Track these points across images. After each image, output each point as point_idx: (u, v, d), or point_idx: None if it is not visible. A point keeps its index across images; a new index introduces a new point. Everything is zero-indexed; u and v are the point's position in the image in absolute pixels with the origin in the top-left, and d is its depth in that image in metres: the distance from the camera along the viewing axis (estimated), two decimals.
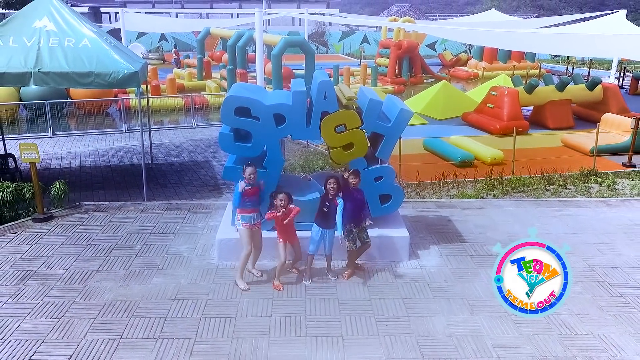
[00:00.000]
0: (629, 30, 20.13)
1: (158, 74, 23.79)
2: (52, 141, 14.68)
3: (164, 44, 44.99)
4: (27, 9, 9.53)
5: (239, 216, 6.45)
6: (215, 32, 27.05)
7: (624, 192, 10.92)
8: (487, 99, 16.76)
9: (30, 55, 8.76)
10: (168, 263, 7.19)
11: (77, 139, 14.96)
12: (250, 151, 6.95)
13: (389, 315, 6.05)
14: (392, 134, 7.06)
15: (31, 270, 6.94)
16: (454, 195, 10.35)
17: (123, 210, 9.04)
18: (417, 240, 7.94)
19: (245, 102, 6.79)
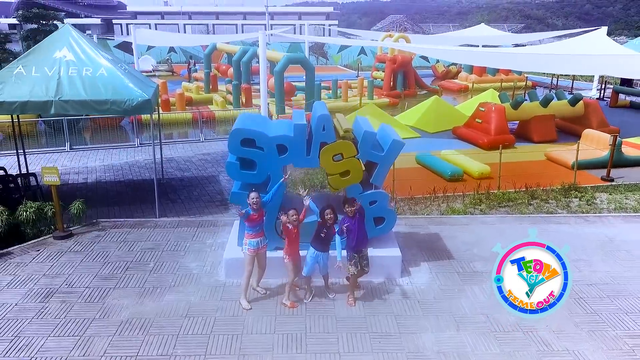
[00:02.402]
0: (610, 47, 20.28)
1: (168, 88, 23.98)
2: (69, 155, 14.88)
3: (172, 56, 45.14)
4: (48, 40, 9.74)
5: (247, 241, 6.65)
6: (222, 48, 27.24)
7: (602, 206, 11.12)
8: (476, 114, 16.96)
9: (51, 84, 8.96)
10: (179, 280, 7.40)
11: (92, 153, 15.16)
12: (255, 178, 7.16)
13: (382, 332, 6.25)
14: (385, 162, 7.27)
15: (54, 288, 7.15)
16: (443, 211, 10.54)
17: (137, 227, 9.25)
18: (409, 257, 8.14)
19: (250, 134, 7.00)
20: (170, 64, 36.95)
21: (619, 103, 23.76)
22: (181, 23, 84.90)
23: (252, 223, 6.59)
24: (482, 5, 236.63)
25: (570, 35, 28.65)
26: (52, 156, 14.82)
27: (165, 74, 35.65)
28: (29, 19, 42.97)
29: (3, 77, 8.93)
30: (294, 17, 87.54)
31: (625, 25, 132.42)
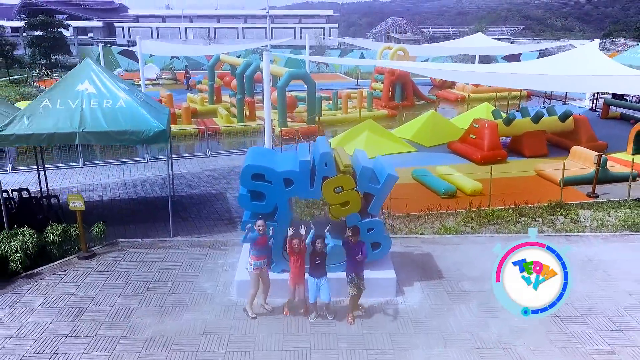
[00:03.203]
0: (601, 62, 21.02)
1: (173, 99, 24.79)
2: (83, 171, 15.67)
3: (175, 62, 45.82)
4: (71, 74, 10.51)
5: (251, 261, 7.50)
6: (225, 59, 28.01)
7: (585, 224, 11.91)
8: (470, 130, 17.74)
9: (75, 116, 9.74)
10: (195, 300, 8.19)
11: (104, 169, 15.94)
12: (264, 208, 7.95)
13: (377, 349, 7.04)
14: (381, 194, 8.06)
15: (83, 307, 7.94)
16: (437, 230, 11.33)
17: (154, 247, 10.04)
18: (403, 276, 8.92)
19: (260, 169, 7.79)
20: (174, 71, 37.67)
21: (610, 115, 24.53)
22: (182, 26, 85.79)
23: (257, 246, 7.44)
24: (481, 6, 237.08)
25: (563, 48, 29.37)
26: (67, 172, 15.60)
27: (169, 81, 36.41)
28: (34, 26, 43.91)
29: (31, 110, 9.71)
30: (294, 20, 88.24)
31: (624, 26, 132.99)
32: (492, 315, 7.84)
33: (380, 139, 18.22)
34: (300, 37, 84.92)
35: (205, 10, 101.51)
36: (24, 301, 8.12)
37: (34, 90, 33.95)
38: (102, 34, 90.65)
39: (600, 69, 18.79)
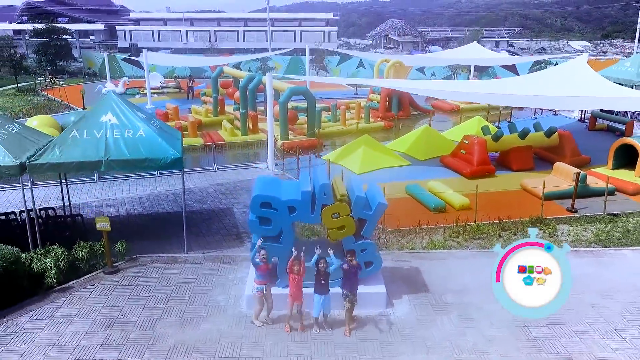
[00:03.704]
0: (588, 77, 22.14)
1: (179, 112, 25.97)
2: (98, 186, 16.83)
3: (178, 70, 46.86)
4: (97, 107, 11.69)
5: (255, 285, 8.71)
6: (228, 72, 29.17)
7: (562, 238, 13.09)
8: (461, 145, 18.93)
9: (100, 145, 10.91)
10: (210, 312, 9.38)
11: (118, 184, 17.09)
12: (270, 232, 9.15)
13: (369, 356, 8.23)
14: (373, 219, 9.25)
15: (113, 318, 9.13)
16: (425, 245, 12.51)
17: (170, 262, 11.23)
18: (393, 289, 10.09)
19: (267, 198, 8.99)
20: (177, 80, 38.80)
21: (597, 126, 25.70)
22: (183, 29, 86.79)
23: (259, 271, 8.64)
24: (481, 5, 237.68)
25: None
26: (83, 187, 16.74)
27: (173, 90, 37.55)
28: (40, 33, 45.06)
29: (61, 141, 10.89)
30: (294, 23, 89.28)
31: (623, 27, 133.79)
32: (470, 326, 9.03)
33: (376, 153, 19.39)
34: (300, 40, 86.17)
35: (206, 13, 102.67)
36: (60, 313, 9.30)
37: (42, 99, 35.10)
38: (103, 37, 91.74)
39: (587, 86, 19.96)
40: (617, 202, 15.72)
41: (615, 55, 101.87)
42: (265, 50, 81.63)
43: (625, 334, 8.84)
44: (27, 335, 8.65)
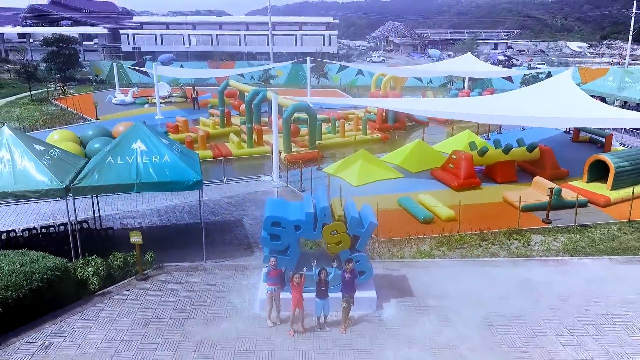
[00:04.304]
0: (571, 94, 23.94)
1: (189, 125, 27.82)
2: (120, 199, 18.67)
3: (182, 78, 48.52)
4: (127, 134, 13.53)
5: (266, 287, 10.55)
6: (234, 85, 31.01)
7: (534, 248, 14.93)
8: (449, 160, 20.78)
9: (132, 170, 12.77)
10: (229, 313, 11.23)
11: (138, 195, 18.91)
12: (280, 247, 11.01)
13: (361, 349, 10.08)
14: (365, 236, 11.11)
15: (148, 319, 10.99)
16: (413, 254, 14.36)
17: (192, 270, 13.09)
18: (383, 294, 11.93)
19: (277, 219, 10.85)
20: (184, 90, 40.60)
21: (580, 138, 27.55)
22: (186, 33, 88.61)
23: (270, 277, 10.47)
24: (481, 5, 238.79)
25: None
26: (106, 199, 18.57)
27: (180, 99, 39.36)
28: (50, 43, 46.90)
29: (98, 166, 12.74)
30: (294, 27, 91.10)
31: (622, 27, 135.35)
32: (446, 325, 10.88)
33: (372, 166, 21.26)
34: (301, 44, 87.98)
35: (207, 17, 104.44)
36: (104, 314, 11.17)
37: (56, 109, 36.94)
38: (106, 40, 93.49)
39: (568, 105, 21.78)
40: (588, 214, 17.60)
41: (612, 57, 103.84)
42: (266, 53, 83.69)
43: (574, 332, 10.70)
44: (79, 332, 10.51)
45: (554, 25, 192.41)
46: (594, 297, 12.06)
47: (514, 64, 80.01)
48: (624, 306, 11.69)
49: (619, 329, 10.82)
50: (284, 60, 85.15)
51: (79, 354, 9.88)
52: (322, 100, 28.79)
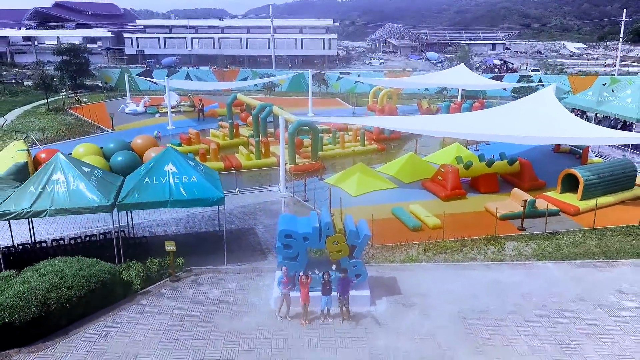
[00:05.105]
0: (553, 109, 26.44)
1: (200, 137, 30.37)
2: None
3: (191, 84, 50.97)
4: (160, 158, 16.04)
5: (280, 290, 13.09)
6: (242, 99, 33.55)
7: (507, 253, 17.47)
8: (438, 173, 23.33)
9: (166, 189, 15.30)
10: (249, 308, 13.78)
11: None
12: (291, 254, 13.57)
13: (357, 337, 12.63)
14: (361, 245, 13.69)
15: (184, 313, 13.54)
16: (403, 259, 16.90)
17: (216, 273, 15.64)
18: (376, 293, 14.46)
19: (289, 232, 13.42)
20: (192, 99, 43.06)
21: (561, 149, 30.04)
22: (188, 37, 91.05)
23: (283, 283, 13.00)
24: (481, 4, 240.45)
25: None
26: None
27: (189, 109, 41.85)
28: (61, 52, 49.38)
29: (138, 186, 15.27)
30: (295, 30, 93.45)
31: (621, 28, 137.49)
32: (426, 319, 13.44)
33: (368, 178, 23.80)
34: (301, 47, 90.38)
35: (210, 20, 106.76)
36: (147, 310, 13.72)
37: (72, 118, 39.41)
38: (110, 44, 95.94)
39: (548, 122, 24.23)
40: (559, 222, 20.15)
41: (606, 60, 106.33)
42: (267, 56, 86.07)
43: (530, 324, 13.26)
44: (129, 324, 13.07)
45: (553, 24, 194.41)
46: (551, 296, 14.61)
47: (509, 67, 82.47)
48: (575, 303, 14.25)
49: (568, 322, 13.38)
50: (285, 63, 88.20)
51: (132, 340, 12.44)
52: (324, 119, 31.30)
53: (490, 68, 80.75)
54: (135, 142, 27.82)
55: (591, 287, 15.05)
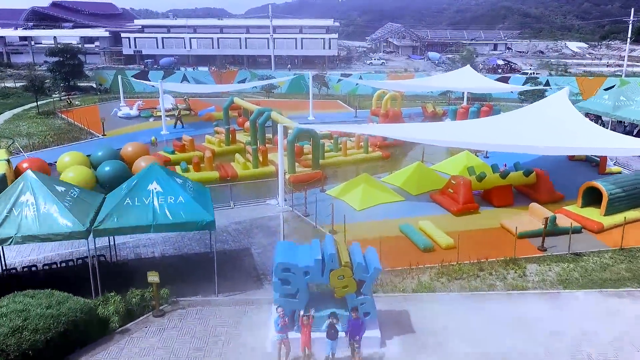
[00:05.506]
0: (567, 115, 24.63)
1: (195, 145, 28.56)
2: None
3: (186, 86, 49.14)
4: (143, 175, 14.23)
5: (277, 335, 11.28)
6: (239, 103, 31.71)
7: (529, 279, 15.65)
8: (448, 185, 21.52)
9: (149, 212, 13.49)
10: (244, 352, 11.97)
11: None
12: (290, 291, 11.76)
13: None
14: (370, 280, 11.87)
15: (166, 358, 11.73)
16: (415, 287, 15.07)
17: (205, 305, 13.84)
18: (387, 331, 12.64)
19: (287, 265, 11.60)
20: (188, 102, 41.19)
21: (577, 157, 28.26)
22: (187, 37, 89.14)
23: (280, 326, 11.19)
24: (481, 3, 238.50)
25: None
26: None
27: (184, 112, 39.99)
28: (55, 53, 47.54)
29: (117, 209, 13.46)
30: (294, 30, 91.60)
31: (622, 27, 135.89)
32: None
33: (374, 190, 22.00)
34: (301, 47, 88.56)
35: (208, 20, 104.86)
36: (125, 353, 11.92)
37: (63, 123, 37.57)
38: (107, 43, 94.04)
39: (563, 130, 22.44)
40: (582, 241, 18.33)
41: (610, 59, 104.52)
42: (267, 57, 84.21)
43: None
44: None
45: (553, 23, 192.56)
46: (586, 335, 12.76)
47: (513, 68, 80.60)
48: (613, 344, 12.44)
49: None
50: (284, 63, 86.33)
51: None
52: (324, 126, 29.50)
53: (494, 69, 78.87)
54: (125, 150, 26.01)
55: (631, 323, 13.24)
